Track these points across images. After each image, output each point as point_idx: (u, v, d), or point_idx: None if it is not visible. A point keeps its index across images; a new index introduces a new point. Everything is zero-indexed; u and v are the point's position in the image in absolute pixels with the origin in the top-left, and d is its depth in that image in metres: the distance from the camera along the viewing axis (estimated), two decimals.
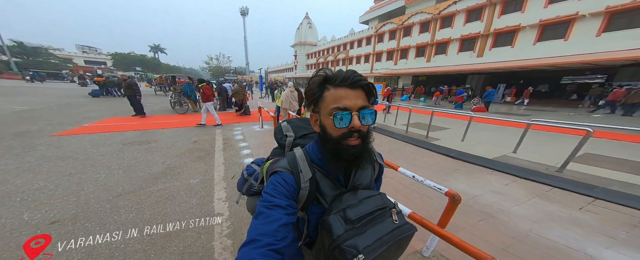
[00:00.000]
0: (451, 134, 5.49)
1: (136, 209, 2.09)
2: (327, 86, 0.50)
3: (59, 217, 1.91)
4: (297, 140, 0.71)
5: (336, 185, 0.57)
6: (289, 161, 0.56)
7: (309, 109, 0.56)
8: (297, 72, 46.21)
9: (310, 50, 43.64)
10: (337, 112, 0.48)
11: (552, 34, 13.25)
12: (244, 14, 21.86)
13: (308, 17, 42.98)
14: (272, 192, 0.51)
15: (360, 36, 28.98)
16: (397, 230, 0.51)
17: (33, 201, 2.12)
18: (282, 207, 0.48)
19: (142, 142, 4.23)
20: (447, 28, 18.82)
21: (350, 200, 0.53)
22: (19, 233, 1.68)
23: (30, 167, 2.87)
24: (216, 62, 46.04)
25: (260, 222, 0.45)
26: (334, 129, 0.50)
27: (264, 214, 0.47)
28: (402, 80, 23.80)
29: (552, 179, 2.85)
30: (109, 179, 2.65)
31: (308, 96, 0.54)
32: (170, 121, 6.31)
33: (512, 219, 2.11)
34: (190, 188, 2.53)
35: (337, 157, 0.52)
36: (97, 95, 11.66)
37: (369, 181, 0.62)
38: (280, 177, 0.53)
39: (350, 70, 0.51)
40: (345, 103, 0.48)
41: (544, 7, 13.24)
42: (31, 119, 5.66)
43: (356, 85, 0.49)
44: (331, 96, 0.49)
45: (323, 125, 0.53)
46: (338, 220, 0.49)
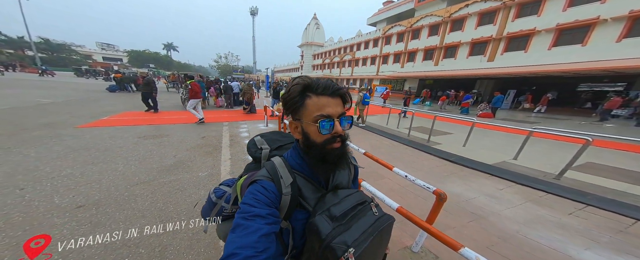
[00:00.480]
0: (454, 139, 5.53)
1: (150, 197, 2.32)
2: (309, 94, 0.52)
3: (84, 202, 2.15)
4: (273, 152, 0.71)
5: (317, 187, 0.58)
6: (268, 169, 0.56)
7: (288, 116, 0.57)
8: (302, 73, 46.78)
9: (316, 50, 44.03)
10: (322, 119, 0.50)
11: (570, 39, 12.88)
12: (253, 13, 22.42)
13: (316, 17, 43.38)
14: (251, 201, 0.49)
15: (368, 38, 29.02)
16: (379, 221, 0.54)
17: (62, 187, 2.39)
18: (262, 217, 0.46)
19: (155, 135, 4.54)
20: (457, 31, 18.62)
21: (333, 200, 0.54)
22: (51, 215, 1.93)
23: (57, 155, 3.19)
24: (225, 61, 47.24)
25: (238, 235, 0.43)
26: (319, 136, 0.52)
27: (242, 225, 0.44)
28: (408, 83, 23.65)
29: (547, 185, 2.90)
30: (126, 169, 2.91)
31: (288, 103, 0.55)
32: (180, 117, 6.63)
33: (501, 221, 2.20)
34: (198, 181, 2.75)
35: (324, 160, 0.54)
36: (114, 90, 12.32)
37: (348, 181, 0.64)
38: (260, 185, 0.52)
39: (329, 80, 0.55)
40: (328, 111, 0.51)
41: (563, 10, 12.88)
42: (56, 112, 6.12)
43: (336, 93, 0.53)
44: (314, 104, 0.51)
45: (306, 133, 0.54)
46: (324, 219, 0.50)
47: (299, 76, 0.55)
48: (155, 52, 53.32)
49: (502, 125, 4.69)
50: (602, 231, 2.03)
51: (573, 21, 12.43)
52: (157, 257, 1.55)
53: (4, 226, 1.72)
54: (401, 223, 1.97)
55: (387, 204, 1.60)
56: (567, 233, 2.00)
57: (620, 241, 1.90)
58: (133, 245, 1.65)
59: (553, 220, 2.22)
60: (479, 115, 10.51)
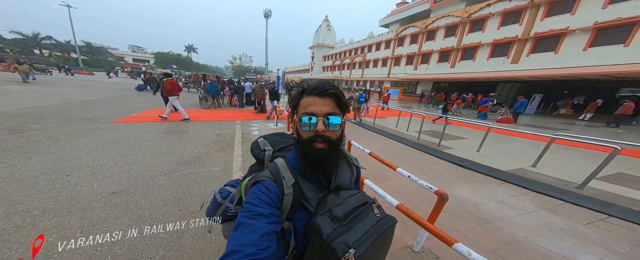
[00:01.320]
0: (467, 144, 5.35)
1: (172, 187, 2.57)
2: (304, 95, 0.57)
3: (117, 189, 2.44)
4: (275, 153, 0.72)
5: (319, 188, 0.59)
6: (270, 170, 0.57)
7: (294, 114, 0.61)
8: (313, 74, 47.10)
9: (327, 52, 44.16)
10: (304, 116, 0.54)
11: (609, 38, 11.77)
12: (267, 15, 23.12)
13: (327, 19, 43.59)
14: (254, 201, 0.50)
15: (379, 39, 28.70)
16: (380, 222, 0.54)
17: (99, 175, 2.73)
18: (264, 216, 0.47)
19: (176, 131, 4.94)
20: (477, 32, 17.82)
21: (334, 201, 0.55)
22: (91, 199, 2.23)
23: (96, 146, 3.62)
24: (239, 62, 49.27)
25: (241, 233, 0.44)
26: (302, 132, 0.55)
27: (244, 224, 0.45)
28: (421, 86, 23.00)
29: (566, 195, 2.75)
30: (151, 161, 3.24)
31: (290, 103, 0.61)
32: (197, 115, 7.12)
33: (509, 227, 2.15)
34: (213, 174, 2.98)
35: (305, 158, 0.56)
36: (142, 89, 13.46)
37: (350, 182, 0.65)
38: (263, 185, 0.54)
39: (322, 81, 0.58)
40: (312, 109, 0.53)
41: (602, 7, 11.80)
42: (96, 108, 6.86)
43: (324, 93, 0.54)
44: (304, 103, 0.56)
45: (297, 129, 0.58)
46: (325, 220, 0.50)
47: (304, 80, 0.68)
48: (177, 54, 57.13)
49: (518, 131, 4.47)
50: (620, 242, 1.91)
51: (615, 19, 11.32)
52: (175, 242, 1.74)
53: (52, 207, 2.03)
54: (403, 223, 2.02)
55: (387, 201, 1.66)
56: (580, 242, 1.92)
57: (638, 254, 1.78)
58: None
59: (567, 229, 2.12)
60: (498, 120, 9.96)
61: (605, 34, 11.85)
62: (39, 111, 5.73)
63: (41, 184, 2.37)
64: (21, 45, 37.37)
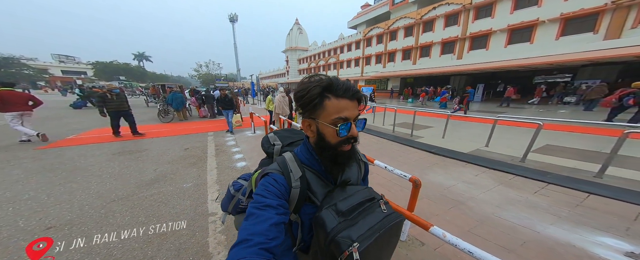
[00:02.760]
0: (434, 132, 5.85)
1: (130, 212, 2.17)
2: (328, 95, 0.52)
3: (55, 223, 1.96)
4: (284, 148, 0.73)
5: (326, 183, 0.59)
6: (278, 163, 0.58)
7: (300, 113, 0.57)
8: (289, 78, 46.56)
9: (301, 55, 44.20)
10: (341, 122, 0.51)
11: (519, 37, 14.41)
12: (232, 20, 21.80)
13: (298, 22, 43.59)
14: (262, 192, 0.51)
15: (350, 41, 29.78)
16: (386, 219, 0.54)
17: (26, 210, 2.14)
18: (273, 207, 0.48)
19: (132, 151, 4.24)
20: (429, 32, 19.84)
21: (340, 195, 0.55)
22: (16, 239, 1.73)
23: (17, 179, 2.85)
24: (206, 69, 45.36)
25: (251, 223, 0.45)
26: (334, 137, 0.53)
27: (254, 214, 0.47)
28: (391, 82, 24.61)
29: (515, 169, 3.20)
30: (100, 187, 2.69)
31: (304, 101, 0.53)
32: (159, 130, 6.29)
33: (478, 205, 2.39)
34: (183, 192, 2.62)
35: (335, 161, 0.56)
36: (80, 106, 11.23)
37: (357, 178, 0.65)
38: (271, 177, 0.54)
39: (348, 82, 0.54)
40: (347, 114, 0.51)
41: (510, 13, 14.43)
42: (12, 134, 5.41)
43: (355, 96, 0.53)
44: (333, 106, 0.51)
45: (322, 133, 0.54)
46: (330, 213, 0.51)
47: (316, 74, 0.55)
48: (125, 63, 49.53)
49: (471, 116, 5.07)
50: (561, 207, 2.28)
51: (519, 22, 13.95)
52: None
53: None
54: None
55: None
56: (534, 211, 2.23)
57: (577, 214, 2.16)
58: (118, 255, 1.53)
59: (521, 200, 2.45)
60: (454, 109, 11.27)
61: (517, 34, 14.51)
62: None
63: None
64: None
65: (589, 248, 1.69)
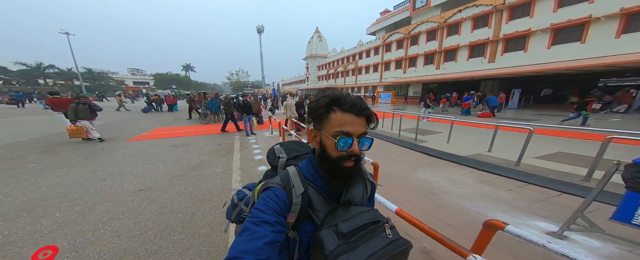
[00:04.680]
0: (442, 137, 5.98)
1: (183, 185, 3.17)
2: (335, 108, 0.52)
3: (142, 187, 3.05)
4: (289, 161, 0.71)
5: (328, 201, 0.57)
6: (281, 177, 0.57)
7: (310, 123, 0.57)
8: (309, 84, 48.40)
9: (321, 62, 45.78)
10: (341, 136, 0.50)
11: (566, 37, 12.86)
12: (260, 31, 24.40)
13: (318, 31, 45.54)
14: (261, 207, 0.50)
15: (368, 47, 30.05)
16: (392, 245, 0.50)
17: (127, 179, 3.33)
18: (269, 224, 0.47)
19: (183, 145, 5.57)
20: (454, 35, 19.00)
21: (343, 215, 0.53)
22: (125, 195, 2.82)
23: (119, 160, 4.24)
24: (236, 77, 50.66)
25: (245, 239, 0.44)
26: (334, 151, 0.52)
27: (249, 230, 0.45)
28: (412, 88, 23.94)
29: (502, 170, 3.36)
30: (165, 167, 3.84)
31: (312, 112, 0.55)
32: (200, 130, 7.82)
33: (448, 196, 2.74)
34: (216, 174, 3.58)
35: (333, 175, 0.54)
36: (147, 111, 14.17)
37: (362, 198, 0.62)
38: (272, 192, 0.53)
39: (358, 97, 0.53)
40: (349, 129, 0.51)
41: (553, 11, 13.03)
42: (109, 131, 7.50)
43: (361, 113, 0.52)
44: (337, 119, 0.51)
45: (323, 145, 0.54)
46: (330, 234, 0.49)
47: (329, 88, 0.56)
48: (176, 74, 58.11)
49: (477, 122, 5.12)
50: (524, 201, 2.50)
51: (566, 21, 12.46)
52: (189, 219, 2.31)
53: (100, 200, 2.63)
54: None
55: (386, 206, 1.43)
56: (495, 202, 2.51)
57: (533, 207, 2.38)
58: (175, 212, 2.46)
59: (491, 194, 2.71)
60: (478, 115, 10.67)
61: (563, 33, 12.93)
62: (62, 136, 6.37)
63: (87, 186, 3.00)
64: (26, 76, 37.88)
65: (516, 225, 1.99)
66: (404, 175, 3.45)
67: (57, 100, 6.83)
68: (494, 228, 1.21)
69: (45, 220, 2.18)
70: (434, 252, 1.76)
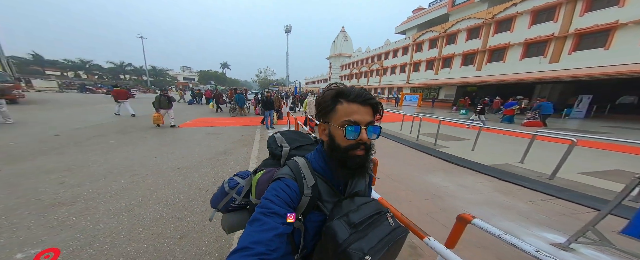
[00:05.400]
0: (466, 144, 5.55)
1: (211, 166, 3.75)
2: (340, 100, 0.54)
3: (181, 166, 3.74)
4: (292, 151, 0.73)
5: (335, 192, 0.60)
6: (291, 168, 0.58)
7: (319, 118, 0.60)
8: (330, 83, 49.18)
9: (344, 61, 45.41)
10: (349, 125, 0.52)
11: None
12: (287, 31, 25.71)
13: (344, 30, 45.39)
14: (272, 197, 0.51)
15: (396, 46, 28.79)
16: (395, 232, 0.55)
17: (170, 159, 4.12)
18: (279, 215, 0.48)
19: (215, 133, 6.46)
20: (504, 32, 16.81)
21: (350, 206, 0.55)
22: (169, 171, 3.53)
23: (168, 142, 5.22)
24: (263, 75, 54.74)
25: (255, 229, 0.45)
26: (344, 140, 0.54)
27: (260, 220, 0.47)
28: (444, 91, 22.05)
29: (529, 182, 3.05)
30: (199, 150, 4.59)
31: (320, 107, 0.57)
32: (229, 121, 8.93)
33: (454, 200, 2.67)
34: (237, 160, 4.13)
35: (344, 165, 0.56)
36: (191, 103, 16.77)
37: (365, 188, 0.65)
38: (283, 183, 0.54)
39: (362, 89, 0.55)
40: (356, 117, 0.53)
41: None
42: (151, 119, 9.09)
43: (367, 102, 0.54)
44: (343, 110, 0.54)
45: (332, 135, 0.56)
46: (342, 225, 0.51)
47: (334, 82, 0.59)
48: (214, 71, 66.87)
49: (507, 130, 4.63)
50: (542, 213, 2.28)
51: None
52: (209, 196, 2.80)
53: (150, 173, 3.38)
54: None
55: None
56: (504, 211, 2.36)
57: (550, 220, 2.16)
58: (200, 188, 3.02)
59: (504, 203, 2.54)
60: (524, 124, 9.32)
61: None
62: (130, 121, 8.04)
63: (143, 161, 3.84)
64: (113, 73, 50.04)
65: (520, 236, 1.87)
66: (412, 177, 3.43)
67: (118, 91, 8.89)
68: (465, 221, 1.29)
69: (114, 185, 2.89)
70: (419, 247, 1.84)
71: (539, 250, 0.98)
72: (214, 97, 12.21)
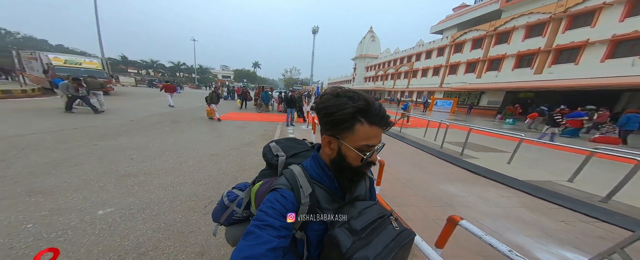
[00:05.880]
0: (501, 156, 5.01)
1: (236, 155, 4.32)
2: (361, 119, 0.50)
3: (214, 152, 4.39)
4: (288, 159, 0.71)
5: (335, 199, 0.59)
6: (287, 178, 0.57)
7: (325, 130, 0.55)
8: (354, 84, 47.72)
9: (370, 62, 44.24)
10: (368, 150, 0.51)
11: None
12: (314, 32, 26.37)
13: (372, 30, 44.12)
14: (267, 210, 0.50)
15: (431, 47, 26.84)
16: (400, 236, 0.53)
17: (205, 146, 4.86)
18: (274, 228, 0.47)
19: (242, 127, 7.27)
20: (580, 28, 14.13)
21: (351, 212, 0.54)
22: (203, 156, 4.21)
23: (205, 131, 6.17)
24: (289, 74, 57.75)
25: (248, 244, 0.45)
26: (356, 161, 0.53)
27: (254, 234, 0.46)
28: (487, 97, 19.59)
29: (571, 202, 2.69)
30: (228, 141, 5.28)
31: (333, 119, 0.51)
32: (254, 117, 9.94)
33: (468, 211, 2.56)
34: (258, 152, 4.62)
35: (351, 181, 0.59)
36: (226, 98, 18.99)
37: (365, 192, 0.65)
38: (279, 193, 0.53)
39: (383, 108, 0.52)
40: (375, 141, 0.52)
41: None
42: (201, 110, 10.51)
43: (387, 125, 0.52)
44: (364, 132, 0.50)
45: (343, 155, 0.54)
46: (344, 232, 0.50)
47: (350, 91, 0.52)
48: (247, 70, 75.84)
49: (557, 144, 4.00)
50: (573, 234, 2.04)
51: None
52: (232, 180, 3.27)
53: (191, 157, 4.09)
54: None
55: None
56: (525, 227, 2.18)
57: (580, 241, 1.93)
58: (226, 173, 3.55)
59: (527, 219, 2.34)
60: (593, 139, 7.72)
61: None
62: (178, 112, 9.59)
63: (187, 146, 4.64)
64: (172, 71, 63.74)
65: (532, 251, 1.73)
66: (425, 184, 3.36)
67: (167, 85, 11.16)
68: (454, 222, 1.36)
69: (165, 164, 3.58)
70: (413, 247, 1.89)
71: (511, 250, 1.04)
72: (241, 94, 13.66)
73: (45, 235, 1.71)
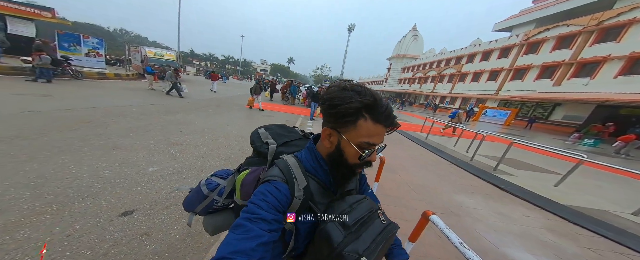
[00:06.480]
0: (548, 178, 4.38)
1: None
2: (366, 115, 0.50)
3: (240, 134, 5.08)
4: (279, 147, 0.70)
5: (328, 192, 0.60)
6: (282, 169, 0.56)
7: (327, 121, 0.55)
8: (386, 86, 45.67)
9: (408, 63, 41.61)
10: (368, 148, 0.51)
11: None
12: (350, 30, 25.87)
13: (415, 29, 41.23)
14: (259, 202, 0.49)
15: (490, 47, 23.45)
16: (386, 230, 0.56)
17: (235, 129, 5.60)
18: (266, 221, 0.47)
19: (269, 115, 8.13)
20: None
21: (342, 207, 0.55)
22: (232, 138, 4.93)
23: (238, 117, 7.07)
24: (320, 71, 59.34)
25: (237, 237, 0.44)
26: (355, 159, 0.53)
27: (244, 227, 0.45)
28: (564, 110, 16.25)
29: (614, 232, 2.30)
30: (254, 125, 5.72)
31: (337, 112, 0.50)
32: (281, 108, 11.08)
33: (474, 223, 2.47)
34: None
35: (346, 178, 0.60)
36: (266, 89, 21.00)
37: (356, 186, 0.68)
38: (273, 185, 0.53)
39: (390, 107, 0.52)
40: (376, 140, 0.51)
41: None
42: (241, 97, 12.02)
43: (392, 125, 0.52)
44: (366, 129, 0.50)
45: (341, 150, 0.54)
46: (336, 227, 0.51)
47: (347, 81, 0.53)
48: (282, 65, 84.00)
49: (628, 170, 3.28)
50: (585, 252, 1.81)
51: None
52: None
53: (221, 136, 4.83)
54: None
55: None
56: (539, 247, 2.04)
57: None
58: (247, 154, 4.11)
59: (546, 241, 2.17)
60: None
61: None
62: (222, 98, 11.02)
63: (220, 127, 5.45)
64: (223, 63, 77.99)
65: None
66: (437, 192, 3.26)
67: (213, 74, 13.61)
68: (426, 217, 1.47)
69: (202, 139, 4.36)
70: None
71: (462, 243, 1.13)
72: (270, 87, 14.98)
73: (112, 181, 2.38)
